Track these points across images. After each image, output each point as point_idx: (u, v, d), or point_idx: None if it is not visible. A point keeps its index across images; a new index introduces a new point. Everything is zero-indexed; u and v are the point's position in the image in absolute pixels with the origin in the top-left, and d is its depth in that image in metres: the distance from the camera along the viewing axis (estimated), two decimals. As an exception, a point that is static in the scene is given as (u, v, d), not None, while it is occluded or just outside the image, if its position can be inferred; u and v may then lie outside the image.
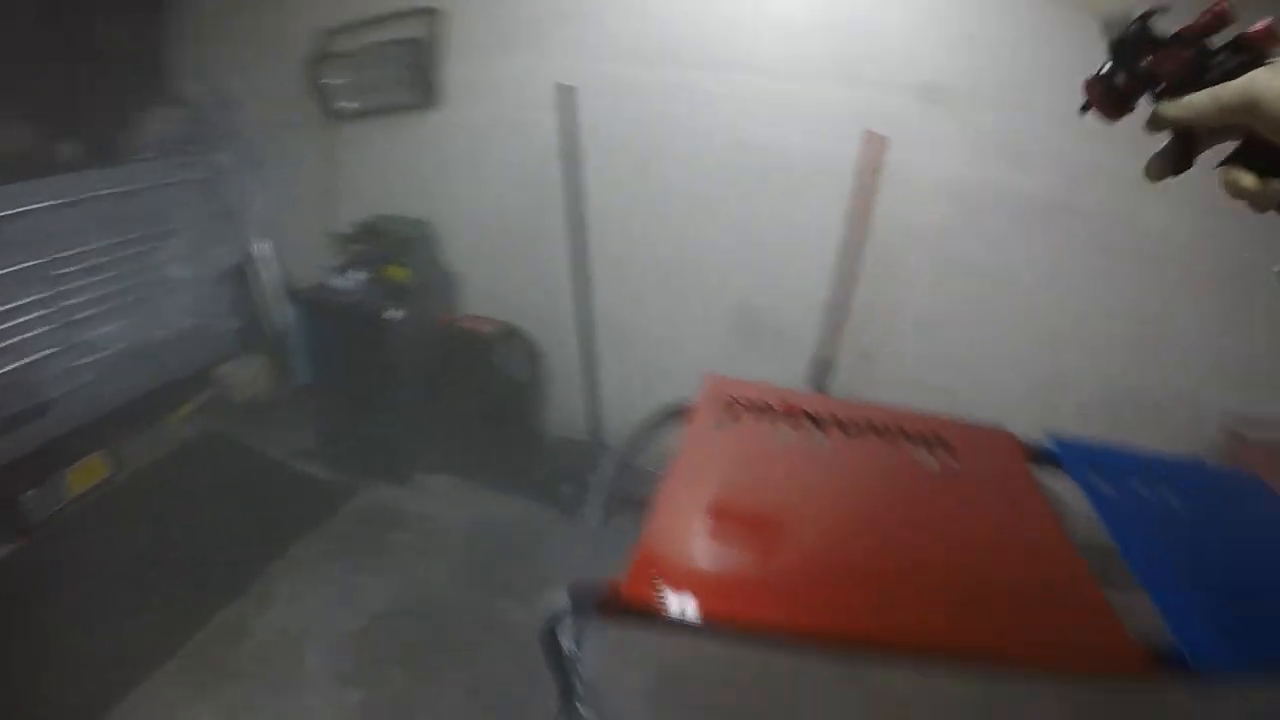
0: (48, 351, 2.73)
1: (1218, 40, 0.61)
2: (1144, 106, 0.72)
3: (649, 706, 1.24)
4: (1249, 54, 0.59)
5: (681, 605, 0.88)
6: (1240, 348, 3.08)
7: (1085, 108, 0.77)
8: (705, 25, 2.82)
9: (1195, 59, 0.61)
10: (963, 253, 2.99)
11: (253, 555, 2.68)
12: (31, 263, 2.63)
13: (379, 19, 3.01)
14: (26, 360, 2.65)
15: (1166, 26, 0.66)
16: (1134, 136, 2.42)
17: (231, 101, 3.20)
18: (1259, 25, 0.58)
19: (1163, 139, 0.72)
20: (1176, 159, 0.68)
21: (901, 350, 3.12)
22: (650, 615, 0.88)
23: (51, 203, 2.67)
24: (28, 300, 2.65)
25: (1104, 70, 0.70)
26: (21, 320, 2.63)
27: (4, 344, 2.58)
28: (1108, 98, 0.71)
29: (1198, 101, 0.61)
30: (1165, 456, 1.42)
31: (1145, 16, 0.64)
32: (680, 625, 0.89)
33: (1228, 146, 0.66)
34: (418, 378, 3.05)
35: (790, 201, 2.93)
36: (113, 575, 2.52)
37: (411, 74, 3.02)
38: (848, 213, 2.78)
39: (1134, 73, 0.67)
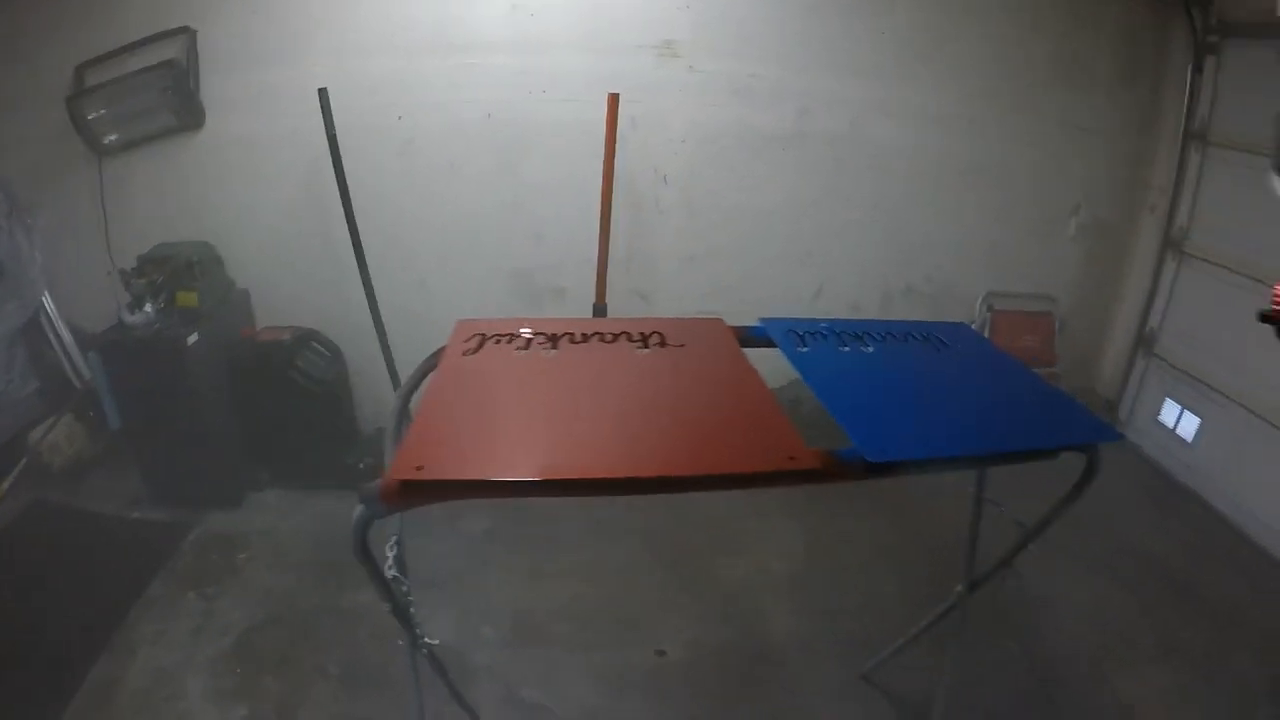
0: None
1: None
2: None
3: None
4: None
5: (442, 476, 1.09)
6: (982, 233, 3.56)
7: (1269, 319, 1.07)
8: (448, 13, 2.98)
9: None
10: (713, 190, 3.33)
11: (108, 609, 2.63)
12: None
13: (134, 45, 2.99)
14: None
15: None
16: (854, 66, 2.85)
17: (-9, 152, 3.08)
18: None
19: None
20: None
21: (672, 286, 3.43)
22: (422, 492, 1.10)
23: None
24: None
25: None
26: None
27: None
28: None
29: None
30: (876, 322, 1.74)
31: None
32: (446, 490, 1.12)
33: None
34: (224, 397, 3.06)
35: (547, 166, 3.17)
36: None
37: (173, 96, 3.01)
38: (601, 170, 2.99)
39: None
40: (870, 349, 1.59)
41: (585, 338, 1.53)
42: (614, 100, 2.86)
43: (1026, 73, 3.33)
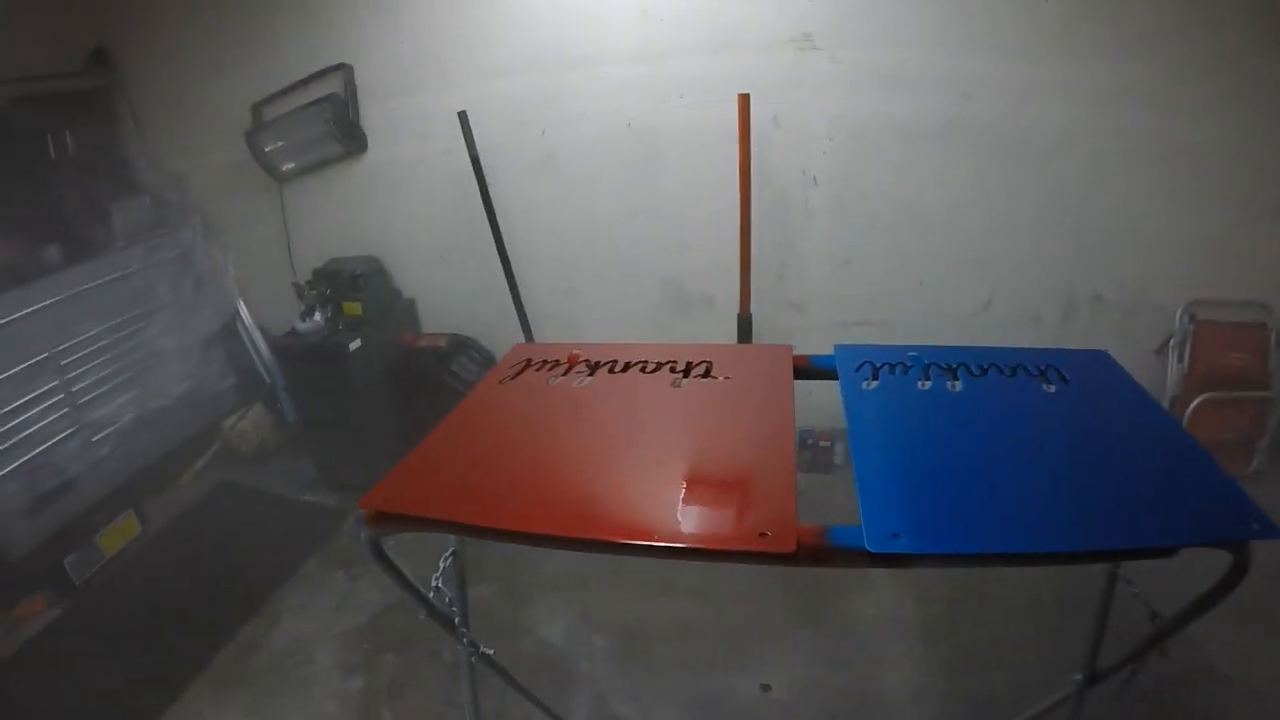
0: (66, 433, 3.08)
1: None
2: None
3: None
4: None
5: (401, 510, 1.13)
6: (1181, 231, 3.08)
7: None
8: (579, 26, 3.00)
9: None
10: (865, 189, 3.09)
11: (267, 579, 3.00)
12: (37, 358, 2.97)
13: (300, 83, 3.30)
14: (48, 444, 3.00)
15: None
16: (1004, 45, 2.56)
17: (185, 181, 3.52)
18: None
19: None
20: None
21: (826, 294, 3.24)
22: (392, 522, 1.14)
23: (46, 302, 3.01)
24: (40, 391, 2.99)
25: None
26: (37, 410, 2.97)
27: (25, 433, 2.93)
28: None
29: None
30: (988, 350, 1.44)
31: None
32: (411, 524, 1.14)
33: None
34: (385, 398, 3.32)
35: (688, 172, 3.11)
36: (149, 616, 2.85)
37: (335, 127, 3.28)
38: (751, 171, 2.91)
39: None
40: (958, 386, 1.33)
41: (627, 367, 1.48)
42: (744, 100, 2.77)
43: (1229, 39, 2.79)
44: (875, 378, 1.37)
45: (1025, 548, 0.99)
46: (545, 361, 1.54)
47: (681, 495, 1.08)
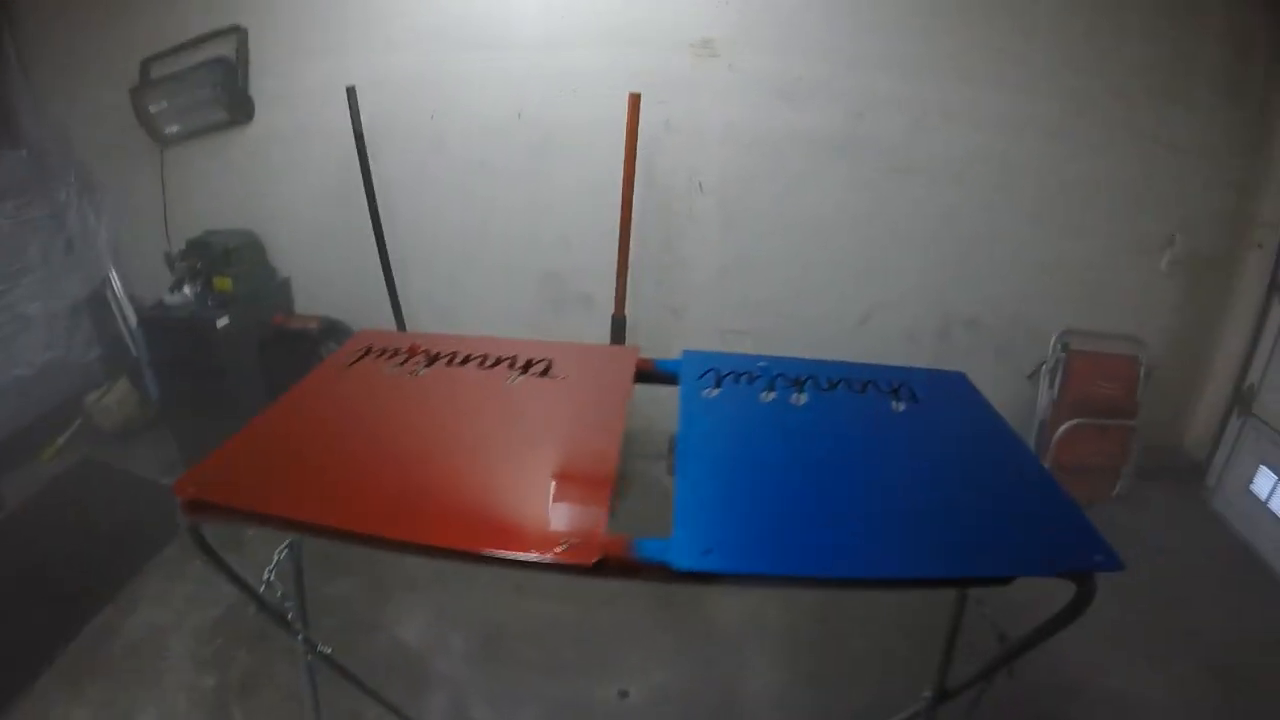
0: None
1: None
2: None
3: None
4: None
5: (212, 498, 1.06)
6: (1060, 260, 3.16)
7: None
8: (479, 10, 2.94)
9: None
10: (753, 199, 3.09)
11: (124, 564, 2.83)
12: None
13: (190, 42, 3.16)
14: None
15: None
16: (905, 66, 2.55)
17: (67, 136, 3.35)
18: None
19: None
20: None
21: (706, 301, 3.22)
22: (206, 511, 1.07)
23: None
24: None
25: None
26: None
27: None
28: None
29: None
30: (839, 364, 1.42)
31: None
32: (223, 514, 1.07)
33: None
34: (252, 379, 3.18)
35: (577, 168, 3.06)
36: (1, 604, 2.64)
37: (224, 92, 3.15)
38: (639, 173, 2.89)
39: None
40: (803, 399, 1.31)
41: (465, 360, 1.44)
42: (635, 100, 2.75)
43: (1121, 79, 2.91)
44: (718, 385, 1.34)
45: (845, 572, 0.95)
46: (386, 350, 1.50)
47: (490, 499, 1.06)
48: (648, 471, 2.89)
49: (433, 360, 1.44)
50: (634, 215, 2.89)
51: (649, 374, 1.42)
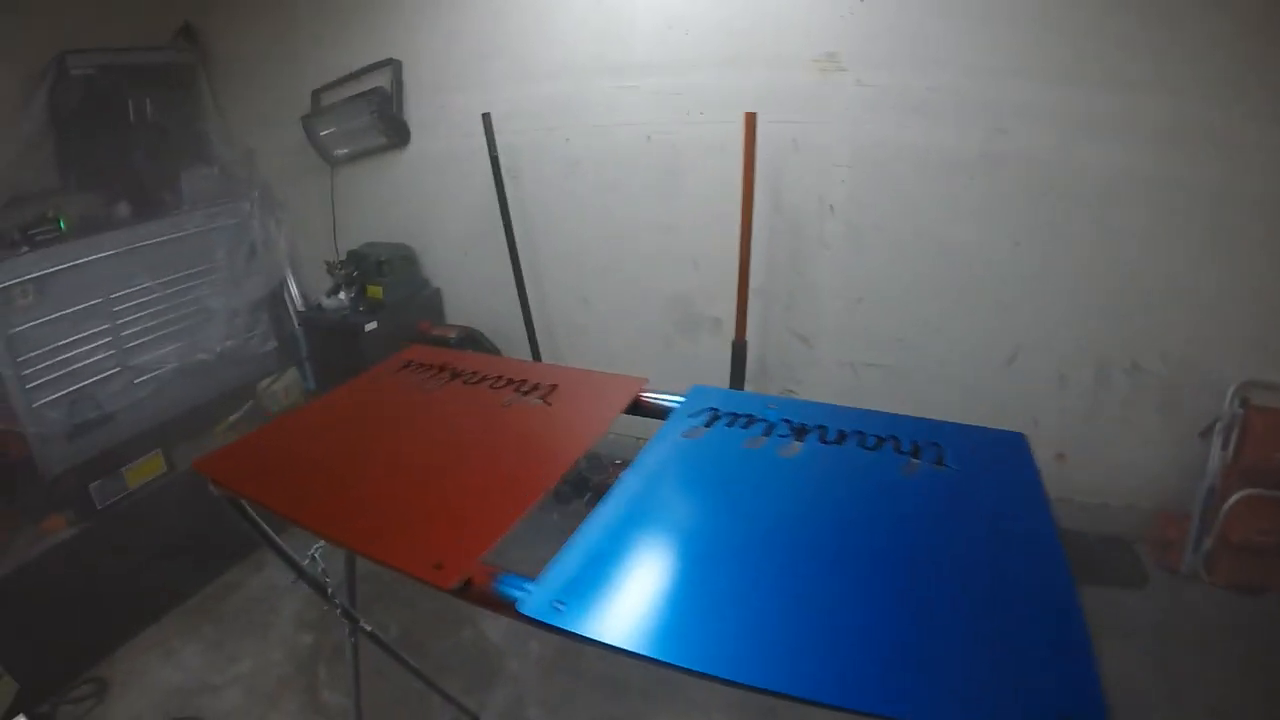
0: (110, 372, 3.39)
1: None
2: None
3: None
4: None
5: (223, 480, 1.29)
6: (1242, 299, 2.74)
7: None
8: (601, 36, 3.03)
9: None
10: (885, 223, 2.93)
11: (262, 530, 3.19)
12: (93, 301, 3.29)
13: (353, 75, 3.52)
14: (92, 380, 3.31)
15: None
16: (1049, 72, 2.37)
17: (252, 158, 3.82)
18: None
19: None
20: None
21: (836, 330, 3.09)
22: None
23: (110, 252, 3.34)
24: (92, 331, 3.31)
25: None
26: (88, 348, 3.30)
27: (74, 366, 3.24)
28: None
29: None
30: (866, 413, 1.20)
31: None
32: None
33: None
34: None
35: (703, 190, 3.07)
36: (153, 547, 3.08)
37: (380, 119, 3.47)
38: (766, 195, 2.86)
39: None
40: (797, 451, 1.11)
41: (481, 380, 1.49)
42: (750, 119, 2.69)
43: None
44: (708, 426, 1.20)
45: (715, 671, 0.76)
46: (421, 364, 1.58)
47: (403, 509, 1.10)
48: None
49: (454, 378, 1.51)
50: (763, 238, 2.86)
51: (649, 408, 1.35)
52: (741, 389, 2.97)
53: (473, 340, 3.47)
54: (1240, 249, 2.65)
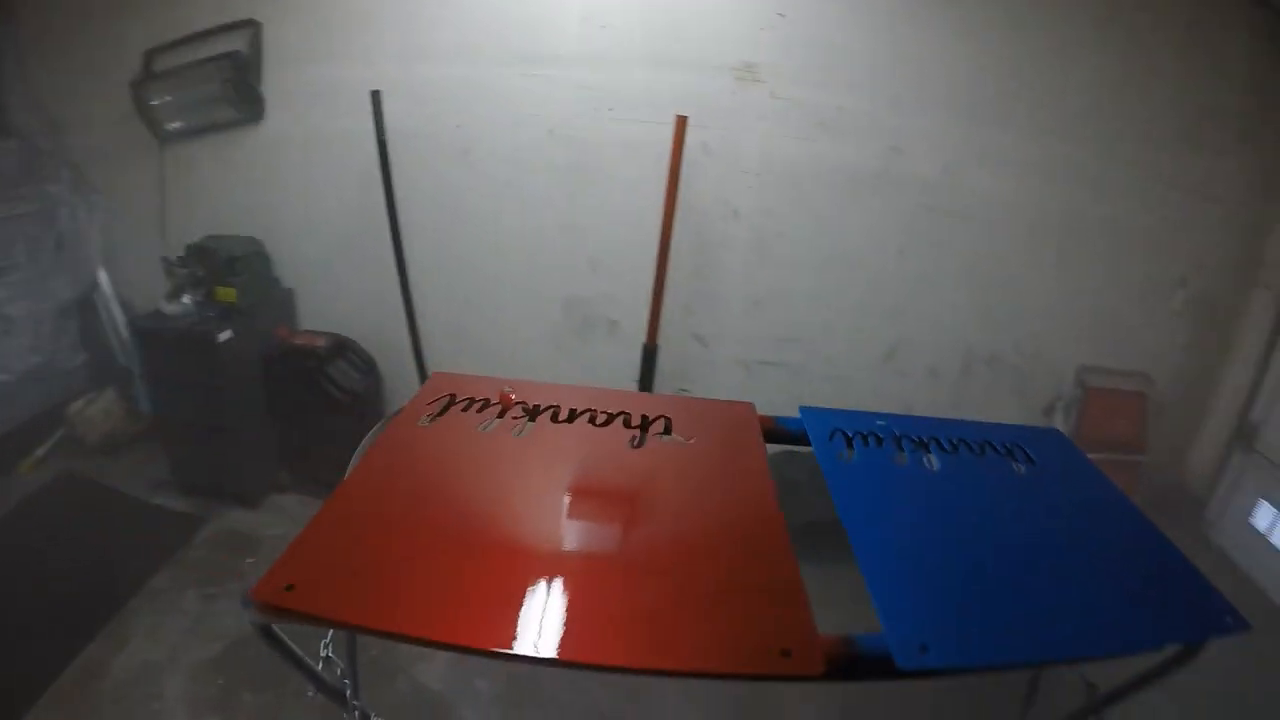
0: None
1: None
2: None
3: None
4: None
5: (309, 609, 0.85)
6: (1079, 300, 3.19)
7: None
8: (510, 21, 2.84)
9: None
10: (787, 230, 3.05)
11: (111, 593, 2.64)
12: None
13: (201, 34, 2.99)
14: None
15: None
16: (951, 102, 2.49)
17: (62, 129, 3.14)
18: None
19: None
20: None
21: (734, 331, 3.16)
22: (294, 616, 0.85)
23: None
24: None
25: None
26: None
27: None
28: None
29: None
30: (949, 422, 1.33)
31: None
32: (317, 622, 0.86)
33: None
34: (255, 397, 3.03)
35: (608, 189, 2.98)
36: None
37: (235, 88, 2.99)
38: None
39: None
40: (935, 464, 1.21)
41: (573, 416, 1.25)
42: (682, 123, 2.67)
43: (1147, 123, 2.95)
44: (850, 447, 1.24)
45: (1040, 657, 0.94)
46: (473, 400, 1.29)
47: (672, 604, 0.89)
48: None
49: (533, 414, 1.26)
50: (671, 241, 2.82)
51: (772, 432, 1.29)
52: (650, 391, 2.95)
53: (343, 349, 3.11)
54: (1083, 259, 3.14)
